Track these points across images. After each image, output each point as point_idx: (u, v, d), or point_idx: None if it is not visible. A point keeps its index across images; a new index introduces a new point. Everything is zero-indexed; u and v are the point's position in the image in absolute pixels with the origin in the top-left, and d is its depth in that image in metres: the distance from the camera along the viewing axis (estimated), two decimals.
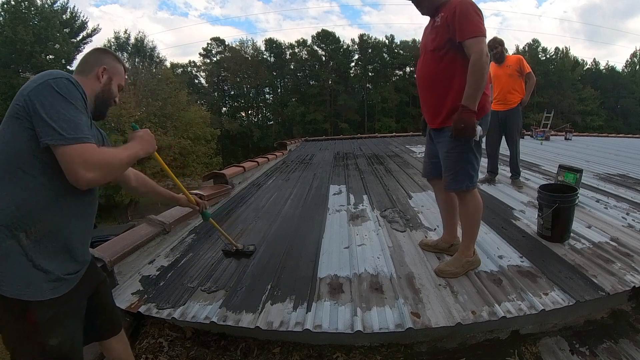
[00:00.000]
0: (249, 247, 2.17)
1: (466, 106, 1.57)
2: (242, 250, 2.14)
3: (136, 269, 2.01)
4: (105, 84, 1.15)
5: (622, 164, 4.58)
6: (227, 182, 3.87)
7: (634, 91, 35.23)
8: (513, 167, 3.61)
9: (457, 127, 1.59)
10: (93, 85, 1.12)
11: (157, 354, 1.53)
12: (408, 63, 37.03)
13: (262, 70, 35.21)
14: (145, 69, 24.05)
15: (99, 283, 1.23)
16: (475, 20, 1.55)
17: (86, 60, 1.16)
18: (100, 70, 1.14)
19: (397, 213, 2.81)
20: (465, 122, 1.57)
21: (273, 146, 8.80)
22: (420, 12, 1.77)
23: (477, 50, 1.53)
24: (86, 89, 1.05)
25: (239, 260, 2.07)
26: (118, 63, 1.21)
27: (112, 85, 1.18)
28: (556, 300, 1.52)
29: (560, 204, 2.04)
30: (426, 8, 1.73)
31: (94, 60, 1.15)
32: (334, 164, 5.62)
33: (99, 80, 1.13)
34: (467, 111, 1.57)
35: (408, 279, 1.77)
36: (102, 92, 1.14)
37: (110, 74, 1.16)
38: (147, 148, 1.12)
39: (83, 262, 1.12)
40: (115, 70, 1.19)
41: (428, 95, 1.79)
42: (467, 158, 1.71)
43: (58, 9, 23.06)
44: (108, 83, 1.16)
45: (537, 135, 8.52)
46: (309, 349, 1.51)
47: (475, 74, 1.54)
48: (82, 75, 1.12)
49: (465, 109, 1.57)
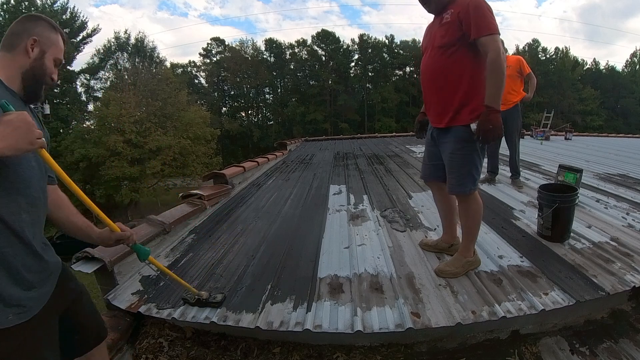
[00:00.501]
0: (215, 297, 1.63)
1: (491, 106, 1.53)
2: (207, 301, 1.61)
3: (136, 269, 2.01)
4: (36, 58, 0.96)
5: (622, 164, 4.58)
6: (227, 182, 3.87)
7: (634, 91, 35.21)
8: (513, 167, 3.61)
9: (485, 129, 1.54)
10: (21, 61, 0.94)
11: (157, 354, 1.53)
12: (408, 63, 37.02)
13: (262, 70, 35.21)
14: (145, 69, 24.04)
15: (77, 296, 1.10)
16: (490, 17, 1.52)
17: (12, 31, 0.95)
18: (30, 43, 0.94)
19: (397, 213, 2.81)
20: (493, 123, 1.52)
21: (273, 146, 8.80)
22: (426, 10, 1.74)
23: (495, 48, 1.50)
24: (12, 67, 0.92)
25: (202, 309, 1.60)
26: (53, 32, 1.00)
27: (46, 60, 0.98)
28: (556, 300, 1.52)
29: (561, 204, 2.04)
30: (434, 4, 1.69)
31: (22, 30, 0.95)
32: (334, 164, 5.62)
33: (27, 54, 0.94)
34: (493, 111, 1.53)
35: (408, 279, 1.77)
36: (32, 68, 0.95)
37: (42, 46, 0.97)
38: (12, 143, 0.73)
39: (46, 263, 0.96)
40: (49, 41, 0.99)
41: (434, 94, 1.74)
42: (472, 160, 1.68)
43: (58, 9, 23.08)
44: (40, 57, 0.96)
45: (537, 135, 8.52)
46: (309, 349, 1.51)
47: (495, 72, 1.51)
48: (7, 51, 0.93)
49: (491, 109, 1.53)
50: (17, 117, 0.76)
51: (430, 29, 1.78)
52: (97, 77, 27.98)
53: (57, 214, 1.09)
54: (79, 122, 22.75)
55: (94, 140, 19.17)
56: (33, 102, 1.01)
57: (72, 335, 1.07)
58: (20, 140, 0.75)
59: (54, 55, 1.00)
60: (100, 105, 21.06)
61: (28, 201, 0.89)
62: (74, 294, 1.10)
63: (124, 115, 18.98)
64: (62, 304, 1.03)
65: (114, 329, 1.55)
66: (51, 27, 1.00)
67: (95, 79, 28.01)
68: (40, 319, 0.91)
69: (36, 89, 0.98)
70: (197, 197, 3.16)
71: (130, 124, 19.13)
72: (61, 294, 1.03)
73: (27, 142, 0.76)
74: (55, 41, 1.01)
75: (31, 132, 0.77)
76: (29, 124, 0.77)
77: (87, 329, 1.13)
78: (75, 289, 1.11)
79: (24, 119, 0.77)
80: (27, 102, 0.98)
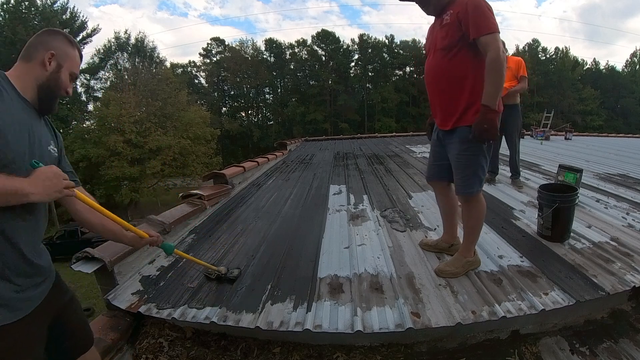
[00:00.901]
0: (232, 272, 1.86)
1: (488, 106, 1.52)
2: (226, 276, 1.83)
3: (136, 269, 2.01)
4: (53, 72, 0.98)
5: (622, 164, 4.58)
6: (227, 182, 3.87)
7: (634, 91, 35.24)
8: (513, 167, 3.61)
9: (480, 129, 1.53)
10: (37, 72, 0.96)
11: (157, 354, 1.53)
12: (408, 63, 37.06)
13: (262, 70, 35.23)
14: (145, 69, 24.05)
15: (67, 303, 1.11)
16: (489, 16, 1.50)
17: (31, 43, 0.98)
18: (47, 57, 0.97)
19: (397, 213, 2.81)
20: (489, 122, 1.51)
21: (273, 146, 8.80)
22: (425, 12, 1.72)
23: (494, 47, 1.48)
24: (27, 78, 0.94)
25: (221, 285, 1.80)
26: (71, 47, 1.03)
27: (62, 74, 1.00)
28: (556, 300, 1.52)
29: (561, 204, 2.04)
30: (433, 7, 1.68)
31: (40, 43, 0.98)
32: (334, 164, 5.62)
33: (44, 67, 0.97)
34: (490, 111, 1.52)
35: (408, 279, 1.77)
36: (48, 81, 0.98)
37: (59, 59, 0.99)
38: (42, 191, 0.83)
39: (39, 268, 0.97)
40: (65, 55, 1.01)
41: (439, 97, 1.73)
42: (478, 161, 1.67)
43: (58, 9, 23.08)
44: (56, 71, 0.99)
45: (537, 135, 8.51)
46: (309, 349, 1.50)
47: (494, 72, 1.50)
48: (25, 61, 0.96)
49: (487, 109, 1.52)
50: (49, 170, 0.87)
51: (432, 31, 1.76)
52: (97, 77, 28.04)
53: (88, 216, 1.14)
54: (79, 122, 22.77)
55: (94, 140, 19.20)
56: (47, 114, 1.03)
57: (61, 342, 1.08)
58: (50, 190, 0.85)
59: (70, 70, 1.03)
60: (100, 105, 21.10)
61: (25, 209, 0.91)
62: (66, 300, 1.11)
63: (124, 115, 19.00)
64: (53, 308, 1.03)
65: (114, 329, 1.55)
66: (68, 42, 1.03)
67: (95, 79, 28.08)
68: (30, 322, 0.91)
69: (51, 102, 1.01)
70: (197, 197, 3.16)
71: (130, 124, 19.14)
72: (53, 298, 1.03)
73: (55, 191, 0.87)
74: (72, 56, 1.03)
75: (60, 182, 0.87)
76: (59, 176, 0.88)
77: (76, 337, 1.13)
78: (67, 296, 1.12)
79: (55, 171, 0.87)
80: (41, 113, 1.01)
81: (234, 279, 1.82)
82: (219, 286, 1.79)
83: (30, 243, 0.95)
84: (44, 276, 1.01)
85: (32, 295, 0.95)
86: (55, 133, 1.08)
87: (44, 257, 1.01)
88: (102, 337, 1.47)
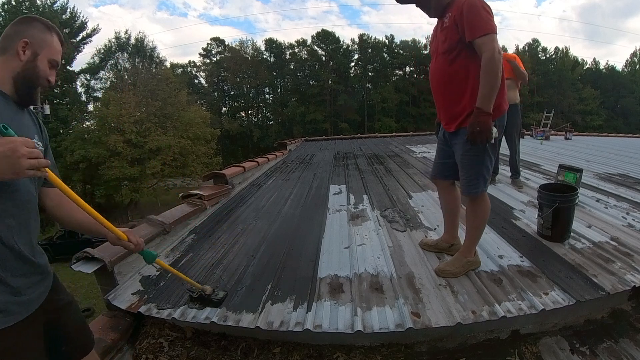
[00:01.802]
0: (218, 293, 1.64)
1: (481, 108, 1.51)
2: (210, 297, 1.61)
3: (136, 269, 2.01)
4: (28, 60, 0.93)
5: (622, 164, 4.58)
6: (227, 182, 3.87)
7: (634, 91, 35.22)
8: (513, 166, 3.61)
9: (473, 131, 1.53)
10: (12, 64, 0.92)
11: (158, 354, 1.53)
12: (408, 63, 37.04)
13: (262, 70, 35.23)
14: (145, 69, 24.06)
15: (65, 305, 1.08)
16: (484, 17, 1.49)
17: (6, 34, 0.94)
18: (21, 45, 0.92)
19: (397, 213, 2.81)
20: (481, 125, 1.51)
21: (273, 146, 8.80)
22: (427, 15, 1.72)
23: (489, 49, 1.47)
24: (3, 70, 0.91)
25: (203, 308, 1.60)
26: (48, 34, 0.97)
27: (38, 62, 0.95)
28: (556, 299, 1.52)
29: (561, 204, 2.04)
30: (434, 9, 1.67)
31: (14, 33, 0.93)
32: (334, 164, 5.62)
33: (19, 57, 0.92)
34: (482, 114, 1.51)
35: (408, 279, 1.77)
36: (24, 71, 0.93)
37: (35, 47, 0.94)
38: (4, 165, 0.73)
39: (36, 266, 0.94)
40: (42, 42, 0.96)
41: (442, 100, 1.74)
42: (483, 161, 1.67)
43: (58, 9, 23.09)
44: (32, 60, 0.93)
45: (537, 135, 8.51)
46: (309, 348, 1.50)
47: (489, 74, 1.49)
48: (1, 54, 0.93)
49: (480, 111, 1.51)
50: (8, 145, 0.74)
51: (435, 33, 1.76)
52: (97, 77, 28.03)
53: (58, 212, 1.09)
54: (79, 123, 22.77)
55: (94, 140, 19.19)
56: (28, 105, 0.99)
57: (59, 346, 1.05)
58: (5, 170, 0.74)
59: (48, 57, 0.97)
60: (100, 105, 21.10)
61: (15, 205, 0.88)
62: (63, 303, 1.08)
63: (123, 116, 18.99)
64: (50, 311, 1.01)
65: (114, 329, 1.55)
66: (45, 28, 0.97)
67: (96, 79, 28.07)
68: (26, 326, 0.89)
69: (29, 92, 0.96)
70: (197, 197, 3.16)
71: (130, 124, 19.14)
72: (50, 301, 1.01)
73: (10, 172, 0.75)
74: (49, 42, 0.98)
75: (19, 162, 0.74)
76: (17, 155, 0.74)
77: (74, 340, 1.11)
78: (65, 298, 1.09)
79: (12, 147, 0.74)
80: (21, 105, 0.96)
81: (218, 301, 1.61)
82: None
83: (25, 240, 0.92)
84: (41, 276, 0.98)
85: (30, 299, 0.93)
86: (41, 127, 1.04)
87: (40, 256, 0.99)
88: (102, 337, 1.47)
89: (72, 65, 24.83)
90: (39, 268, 0.97)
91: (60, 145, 19.62)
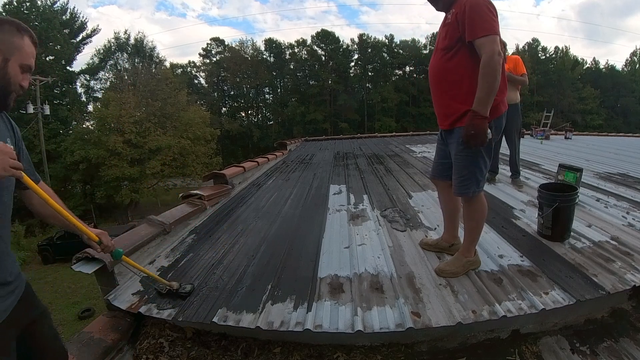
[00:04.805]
0: (185, 287, 1.73)
1: (477, 111, 1.48)
2: (178, 292, 1.70)
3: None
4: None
5: (622, 163, 4.58)
6: (227, 182, 3.87)
7: (634, 90, 35.26)
8: (513, 166, 3.61)
9: (467, 134, 1.51)
10: None
11: (158, 354, 1.53)
12: (408, 62, 37.08)
13: (261, 70, 35.25)
14: (144, 70, 24.05)
15: (38, 317, 1.04)
16: (487, 18, 1.46)
17: None
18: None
19: (397, 213, 2.81)
20: (476, 128, 1.48)
21: (273, 146, 8.80)
22: (435, 9, 1.70)
23: (489, 50, 1.44)
24: None
25: (174, 301, 1.68)
26: (18, 36, 0.93)
27: (9, 68, 0.91)
28: (556, 299, 1.51)
29: (561, 203, 2.04)
30: (442, 3, 1.64)
31: None
32: (334, 163, 5.62)
33: None
34: (478, 117, 1.48)
35: (408, 279, 1.77)
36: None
37: (4, 53, 0.90)
38: None
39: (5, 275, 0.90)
40: (12, 46, 0.91)
41: (438, 96, 1.72)
42: (476, 162, 1.65)
43: (58, 10, 23.09)
44: (2, 66, 0.90)
45: (537, 135, 8.51)
46: (310, 348, 1.51)
47: (487, 76, 1.45)
48: None
49: (476, 114, 1.48)
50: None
51: (440, 28, 1.74)
52: (97, 78, 28.07)
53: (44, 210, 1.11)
54: (78, 123, 22.76)
55: (94, 140, 19.18)
56: (1, 111, 0.97)
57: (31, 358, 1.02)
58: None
59: (19, 62, 0.93)
60: (99, 105, 21.09)
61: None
62: (36, 313, 1.05)
63: (123, 116, 18.99)
64: (22, 321, 0.97)
65: (114, 329, 1.55)
66: (16, 31, 0.93)
67: (95, 80, 28.12)
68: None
69: (2, 99, 0.93)
70: (197, 197, 3.16)
71: (130, 124, 19.13)
72: (23, 311, 0.97)
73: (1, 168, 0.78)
74: (19, 46, 0.93)
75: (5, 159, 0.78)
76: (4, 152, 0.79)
77: (45, 354, 1.07)
78: (38, 309, 1.06)
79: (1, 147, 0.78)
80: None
81: (186, 294, 1.70)
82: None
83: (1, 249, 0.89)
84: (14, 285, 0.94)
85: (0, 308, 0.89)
86: (13, 127, 1.02)
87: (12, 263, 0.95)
88: (102, 337, 1.47)
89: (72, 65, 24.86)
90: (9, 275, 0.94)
91: (60, 146, 19.63)
